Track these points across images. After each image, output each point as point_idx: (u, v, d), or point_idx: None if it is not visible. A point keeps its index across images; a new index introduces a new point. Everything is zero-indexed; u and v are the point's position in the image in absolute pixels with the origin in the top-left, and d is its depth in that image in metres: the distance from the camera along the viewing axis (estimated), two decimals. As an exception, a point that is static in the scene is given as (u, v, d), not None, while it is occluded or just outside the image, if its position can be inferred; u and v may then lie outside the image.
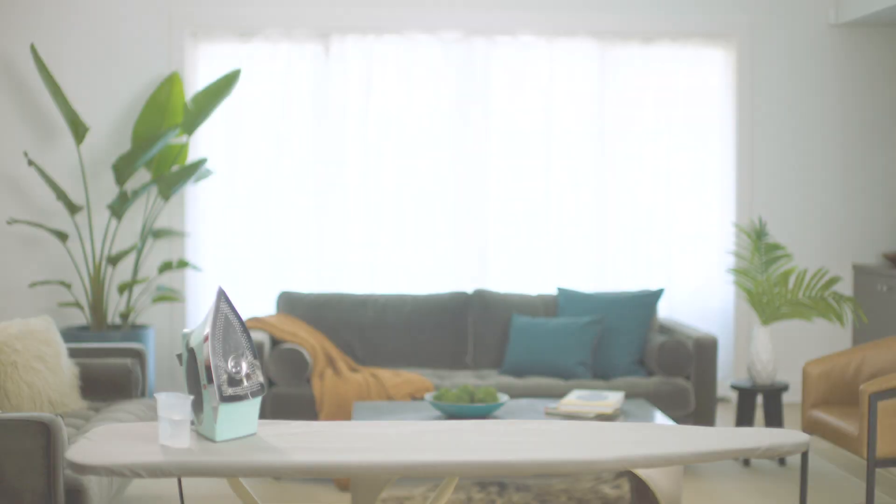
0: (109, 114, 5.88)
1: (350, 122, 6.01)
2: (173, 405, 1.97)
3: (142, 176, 5.82)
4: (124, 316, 5.62)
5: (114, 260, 5.61)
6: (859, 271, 6.20)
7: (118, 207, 5.57)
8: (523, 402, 4.36)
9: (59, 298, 5.85)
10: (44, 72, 5.42)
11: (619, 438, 2.04)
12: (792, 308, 5.04)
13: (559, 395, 4.75)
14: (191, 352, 2.07)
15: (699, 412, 4.90)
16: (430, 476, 2.00)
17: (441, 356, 5.33)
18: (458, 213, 6.07)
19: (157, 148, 5.53)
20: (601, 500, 4.16)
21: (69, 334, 5.29)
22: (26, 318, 4.27)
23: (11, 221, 5.62)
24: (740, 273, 5.18)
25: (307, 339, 4.96)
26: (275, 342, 5.07)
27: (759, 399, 6.09)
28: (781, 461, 4.86)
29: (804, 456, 3.96)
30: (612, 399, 4.19)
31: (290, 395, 4.75)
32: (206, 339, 2.03)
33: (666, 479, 3.68)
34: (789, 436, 2.03)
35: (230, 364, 2.02)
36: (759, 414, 5.77)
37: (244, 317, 4.90)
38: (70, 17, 5.85)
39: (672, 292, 6.12)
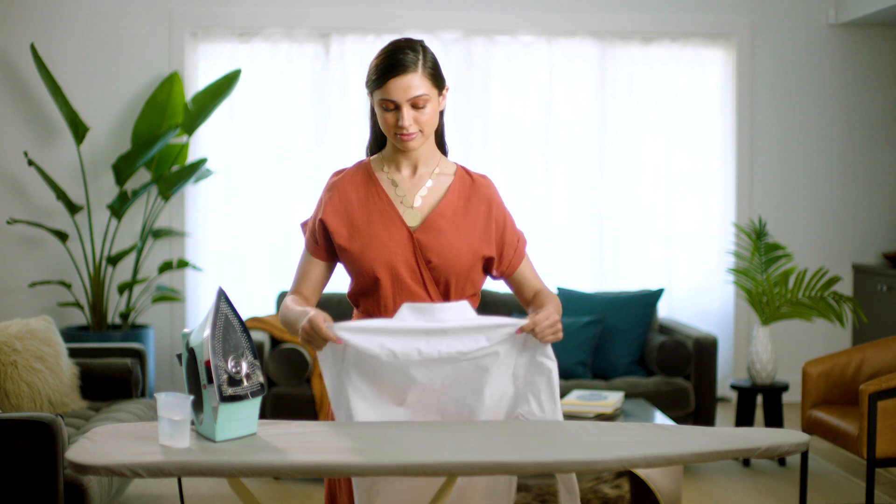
0: (109, 114, 5.88)
1: (350, 123, 6.01)
2: (173, 405, 1.96)
3: (142, 176, 5.82)
4: (124, 316, 5.61)
5: (114, 260, 5.61)
6: (859, 271, 6.20)
7: (118, 207, 5.57)
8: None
9: (59, 298, 5.85)
10: (44, 72, 5.42)
11: (619, 438, 2.03)
12: (792, 308, 5.04)
13: (559, 395, 4.75)
14: (191, 352, 2.07)
15: (699, 412, 4.90)
16: (430, 476, 2.00)
17: (441, 356, 5.33)
18: (458, 213, 6.06)
19: (157, 148, 5.53)
20: (601, 500, 4.15)
21: (69, 334, 5.29)
22: (26, 318, 4.27)
23: (11, 221, 5.62)
24: (740, 273, 5.18)
25: (307, 339, 4.96)
26: (275, 342, 5.07)
27: (759, 399, 6.09)
28: (781, 461, 4.86)
29: (804, 456, 3.96)
30: (612, 399, 4.20)
31: (290, 395, 4.75)
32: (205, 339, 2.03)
33: (666, 479, 3.68)
34: (789, 436, 2.03)
35: (230, 364, 2.02)
36: (759, 414, 5.77)
37: (244, 317, 4.90)
38: (70, 16, 5.85)
39: (672, 292, 6.12)
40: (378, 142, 2.41)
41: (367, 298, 2.31)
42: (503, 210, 2.38)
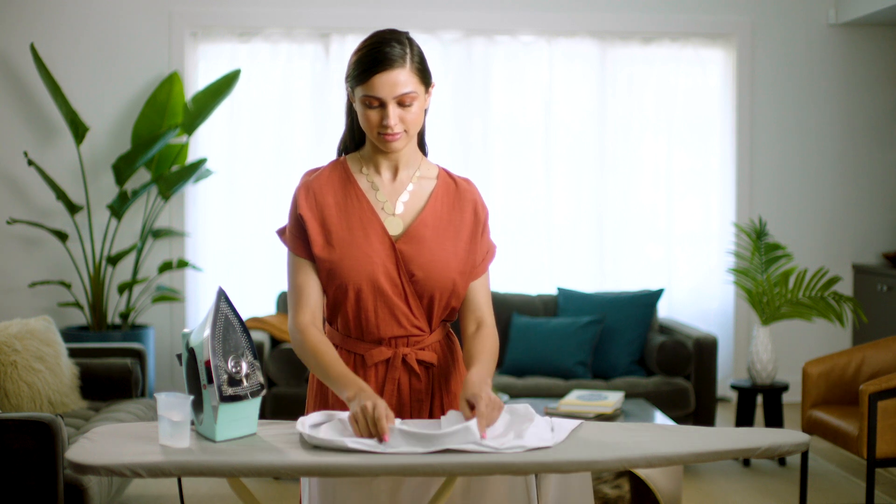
0: (109, 114, 5.87)
1: (350, 122, 6.00)
2: (173, 405, 1.96)
3: (142, 176, 5.82)
4: (124, 316, 5.61)
5: (114, 260, 5.61)
6: (859, 271, 6.20)
7: (118, 207, 5.57)
8: (523, 402, 4.36)
9: (59, 298, 5.85)
10: (44, 72, 5.42)
11: (618, 438, 2.03)
12: (792, 308, 5.04)
13: (559, 395, 4.75)
14: (191, 352, 2.07)
15: (699, 412, 4.90)
16: (430, 476, 2.00)
17: (441, 356, 5.33)
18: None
19: (157, 148, 5.53)
20: (601, 500, 4.15)
21: (69, 334, 5.29)
22: (26, 318, 4.27)
23: (11, 221, 5.62)
24: (740, 273, 5.18)
25: (307, 339, 4.96)
26: (275, 342, 5.07)
27: (759, 399, 6.09)
28: (781, 461, 4.86)
29: (804, 456, 3.96)
30: (612, 399, 4.19)
31: (290, 395, 4.75)
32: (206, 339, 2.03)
33: (666, 479, 3.68)
34: (789, 436, 2.03)
35: (230, 364, 2.02)
36: (759, 414, 5.77)
37: (244, 317, 4.90)
38: (70, 16, 5.85)
39: (672, 292, 6.12)
40: (354, 140, 2.25)
41: (344, 313, 2.17)
42: (486, 215, 2.26)
